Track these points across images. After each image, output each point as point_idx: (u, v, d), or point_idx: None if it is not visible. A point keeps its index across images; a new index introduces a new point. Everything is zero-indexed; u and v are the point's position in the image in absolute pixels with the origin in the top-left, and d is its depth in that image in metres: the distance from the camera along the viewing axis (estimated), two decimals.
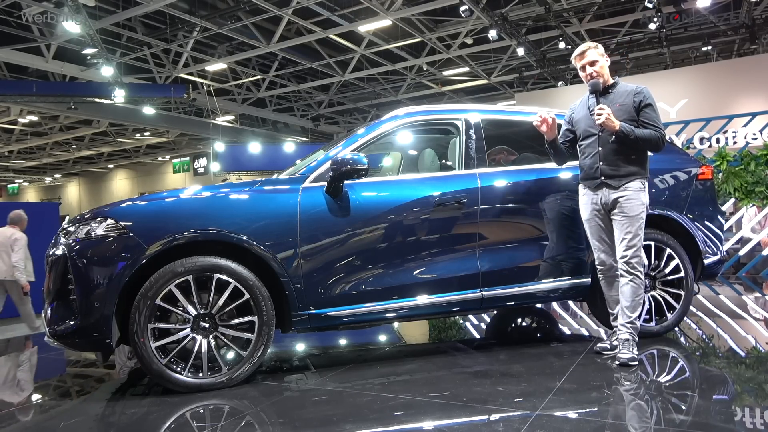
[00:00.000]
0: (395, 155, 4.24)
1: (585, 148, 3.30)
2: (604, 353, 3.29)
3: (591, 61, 3.25)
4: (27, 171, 30.45)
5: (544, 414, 2.39)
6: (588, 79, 3.27)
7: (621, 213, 3.13)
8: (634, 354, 3.07)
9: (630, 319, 3.15)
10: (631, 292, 3.14)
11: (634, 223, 3.11)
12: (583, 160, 3.31)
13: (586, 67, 3.27)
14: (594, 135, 3.23)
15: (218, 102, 17.26)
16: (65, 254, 2.83)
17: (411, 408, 2.55)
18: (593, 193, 3.25)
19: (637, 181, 3.15)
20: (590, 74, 3.25)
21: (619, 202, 3.14)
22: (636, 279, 3.13)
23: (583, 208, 3.34)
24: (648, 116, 3.15)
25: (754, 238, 7.30)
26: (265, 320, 2.93)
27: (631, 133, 3.07)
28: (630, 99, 3.19)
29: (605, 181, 3.18)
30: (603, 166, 3.18)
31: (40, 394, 3.27)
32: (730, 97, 12.38)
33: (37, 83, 13.74)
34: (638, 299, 3.16)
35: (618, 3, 12.21)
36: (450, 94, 19.06)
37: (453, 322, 4.74)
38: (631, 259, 3.11)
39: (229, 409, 2.65)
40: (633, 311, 3.16)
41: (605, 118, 3.05)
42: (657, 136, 3.12)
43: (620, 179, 3.15)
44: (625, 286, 3.16)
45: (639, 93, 3.19)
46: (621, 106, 3.17)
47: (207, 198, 3.07)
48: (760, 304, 5.34)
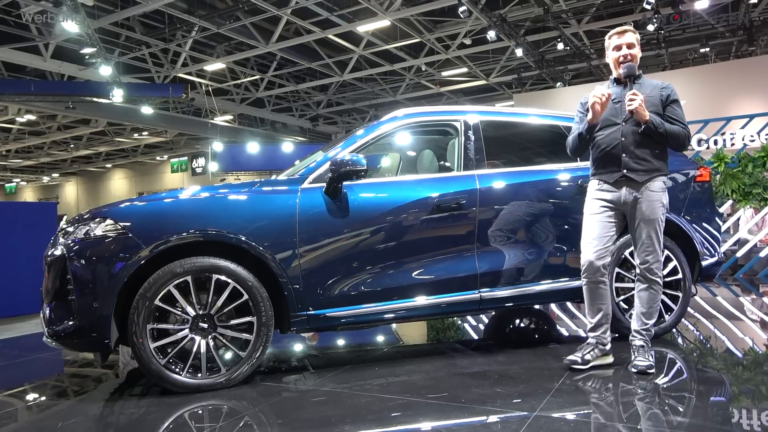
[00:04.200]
0: (394, 156, 4.24)
1: (604, 138, 3.06)
2: (575, 367, 3.03)
3: (629, 43, 3.06)
4: (24, 170, 30.38)
5: (542, 415, 2.39)
6: (619, 61, 3.06)
7: (640, 215, 2.96)
8: (651, 361, 2.95)
9: (646, 326, 3.05)
10: (649, 299, 3.03)
11: (655, 226, 2.96)
12: (599, 152, 3.08)
13: (622, 47, 3.06)
14: (616, 125, 3.02)
15: (216, 102, 17.25)
16: (64, 254, 2.83)
17: (409, 409, 2.55)
18: (611, 188, 3.04)
19: (659, 180, 2.98)
20: (624, 56, 3.05)
21: (639, 203, 2.96)
22: (655, 285, 3.03)
23: (592, 203, 3.10)
24: (675, 113, 3.01)
25: (751, 239, 7.32)
26: (263, 321, 2.93)
27: (660, 126, 2.91)
28: (657, 92, 3.03)
29: (628, 174, 2.97)
30: (626, 158, 2.98)
31: (38, 394, 3.27)
32: (728, 98, 12.41)
33: (35, 82, 13.71)
34: (656, 306, 3.06)
35: (617, 4, 12.24)
36: (448, 95, 19.07)
37: (451, 322, 4.74)
38: (651, 266, 3.00)
39: (227, 409, 2.65)
40: (650, 318, 3.05)
41: (638, 104, 2.86)
42: (684, 133, 2.98)
43: (645, 174, 2.96)
44: (643, 292, 3.05)
45: (666, 88, 3.05)
46: (648, 98, 2.98)
47: (206, 198, 3.07)
48: (757, 306, 5.36)
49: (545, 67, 14.91)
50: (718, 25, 12.97)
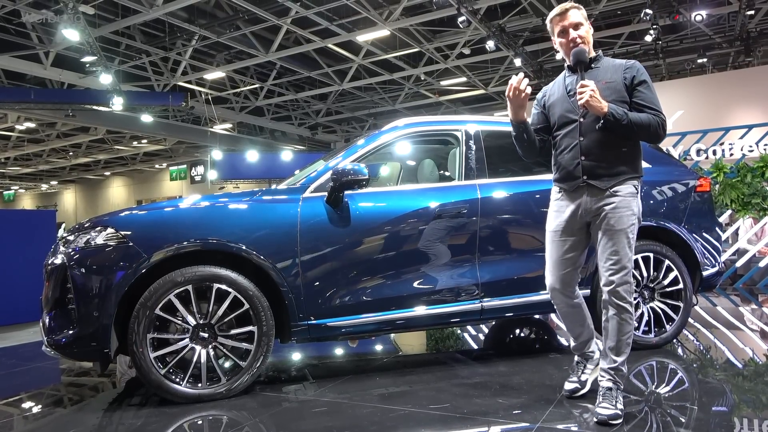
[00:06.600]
0: (394, 165, 4.25)
1: (562, 139, 2.57)
2: (576, 395, 2.69)
3: (575, 23, 2.51)
4: (23, 178, 30.35)
5: (545, 426, 2.38)
6: (569, 47, 2.52)
7: (606, 226, 2.44)
8: (617, 409, 2.36)
9: (615, 365, 2.44)
10: (618, 329, 2.43)
11: (622, 239, 2.41)
12: (558, 155, 2.60)
13: (568, 31, 2.52)
14: (574, 122, 2.52)
15: (216, 110, 17.27)
16: (64, 263, 2.82)
17: (411, 420, 2.53)
18: (570, 199, 2.56)
19: (628, 183, 2.46)
20: (573, 40, 2.50)
21: (605, 212, 2.45)
22: (624, 313, 2.42)
23: (552, 216, 2.63)
24: (644, 96, 2.46)
25: (750, 249, 7.32)
26: (264, 330, 2.92)
27: (623, 117, 2.37)
28: (619, 75, 2.49)
29: (588, 181, 2.48)
30: (585, 161, 2.47)
31: (36, 403, 3.24)
32: (726, 108, 12.47)
33: (35, 90, 13.73)
34: (626, 339, 2.44)
35: (615, 15, 12.32)
36: (447, 104, 19.13)
37: (452, 332, 4.73)
38: (618, 287, 2.41)
39: (227, 420, 2.63)
40: (619, 354, 2.44)
41: (589, 97, 2.33)
42: (657, 121, 2.42)
43: (608, 179, 2.45)
44: (610, 320, 2.45)
45: (630, 68, 2.50)
46: (608, 84, 2.47)
47: (207, 207, 3.07)
48: (757, 316, 5.35)
49: (544, 76, 14.97)
50: (715, 36, 13.05)
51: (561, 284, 2.61)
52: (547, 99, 2.70)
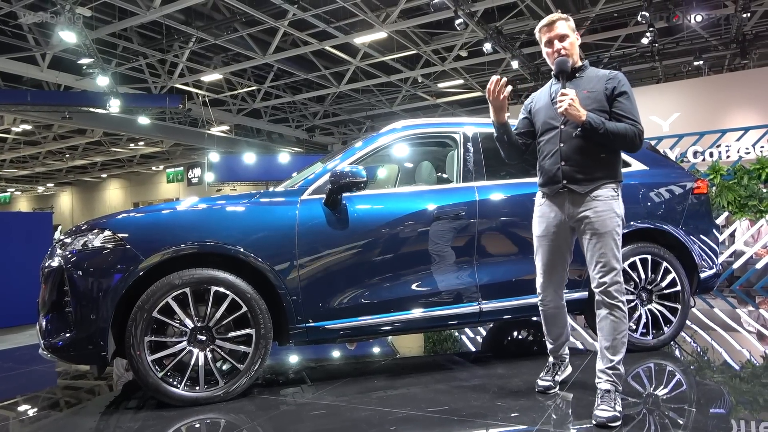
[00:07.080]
0: (392, 168, 4.25)
1: (544, 145, 2.70)
2: (550, 392, 2.83)
3: (561, 35, 2.64)
4: (19, 180, 30.25)
5: (543, 429, 2.38)
6: (554, 57, 2.66)
7: (591, 230, 2.53)
8: (616, 411, 2.37)
9: (611, 364, 2.47)
10: (613, 328, 2.48)
11: (609, 241, 2.50)
12: (542, 160, 2.72)
13: (554, 42, 2.65)
14: (555, 128, 2.64)
15: (213, 112, 17.25)
16: (61, 266, 2.81)
17: (410, 422, 2.53)
18: (553, 204, 2.68)
19: (608, 187, 2.55)
20: (558, 51, 2.64)
21: (588, 217, 2.54)
22: (617, 311, 2.48)
23: (537, 222, 2.77)
24: (622, 106, 2.55)
25: (747, 251, 7.34)
26: (262, 333, 2.91)
27: (600, 126, 2.47)
28: (601, 85, 2.60)
29: (568, 185, 2.59)
30: (565, 167, 2.58)
31: (32, 406, 3.23)
32: (722, 111, 12.52)
33: (32, 92, 13.68)
34: (621, 338, 2.48)
35: (611, 18, 12.35)
36: (444, 106, 19.15)
37: (450, 334, 4.72)
38: (609, 287, 2.48)
39: (225, 423, 2.62)
40: (615, 353, 2.48)
41: (568, 105, 2.44)
42: (633, 131, 2.51)
43: (587, 184, 2.56)
44: (604, 320, 2.50)
45: (612, 78, 2.60)
46: (590, 93, 2.58)
47: (204, 210, 3.06)
48: (754, 317, 5.37)
49: (541, 79, 14.97)
50: (711, 38, 13.10)
51: (552, 286, 2.78)
52: (533, 105, 2.84)
